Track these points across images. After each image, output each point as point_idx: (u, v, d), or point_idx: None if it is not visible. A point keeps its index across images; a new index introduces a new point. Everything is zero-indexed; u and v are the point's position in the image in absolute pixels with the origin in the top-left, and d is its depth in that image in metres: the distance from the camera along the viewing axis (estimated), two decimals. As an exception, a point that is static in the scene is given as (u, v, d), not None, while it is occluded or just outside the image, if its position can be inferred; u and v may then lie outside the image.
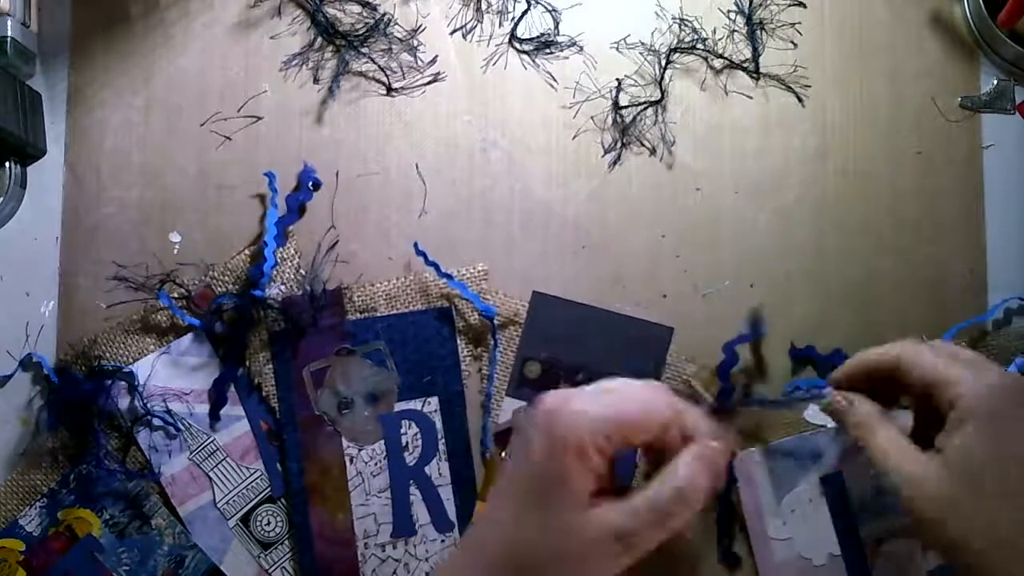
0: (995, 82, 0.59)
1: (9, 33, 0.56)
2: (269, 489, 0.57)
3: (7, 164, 0.57)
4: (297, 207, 0.57)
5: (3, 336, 0.57)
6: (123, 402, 0.57)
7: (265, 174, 0.57)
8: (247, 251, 0.58)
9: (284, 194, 0.58)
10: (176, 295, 0.57)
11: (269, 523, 0.57)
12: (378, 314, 0.57)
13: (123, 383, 0.56)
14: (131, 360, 0.57)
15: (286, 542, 0.57)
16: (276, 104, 0.59)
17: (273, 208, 0.57)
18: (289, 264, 0.57)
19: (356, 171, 0.58)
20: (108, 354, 0.57)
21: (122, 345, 0.57)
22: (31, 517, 0.57)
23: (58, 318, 0.58)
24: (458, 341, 0.57)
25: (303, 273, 0.57)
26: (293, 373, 0.57)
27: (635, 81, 0.59)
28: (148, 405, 0.56)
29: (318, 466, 0.56)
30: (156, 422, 0.56)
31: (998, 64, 0.59)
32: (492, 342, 0.57)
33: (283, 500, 0.57)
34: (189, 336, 0.57)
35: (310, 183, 0.57)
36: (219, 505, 0.57)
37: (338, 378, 0.57)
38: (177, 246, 0.58)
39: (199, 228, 0.58)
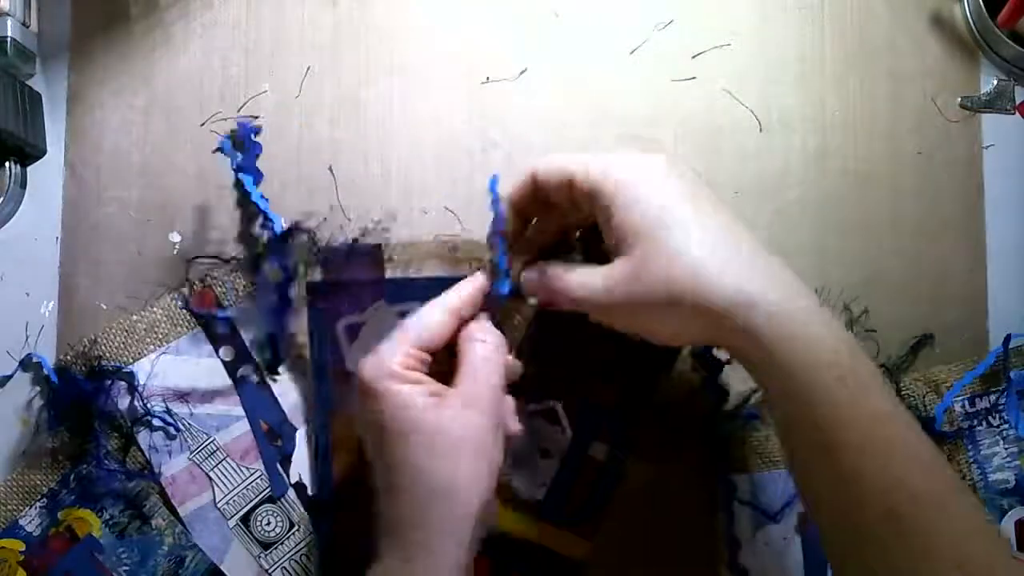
0: (995, 82, 0.59)
1: (9, 33, 0.56)
2: (269, 489, 0.57)
3: (7, 164, 0.57)
4: (254, 168, 0.57)
5: (3, 336, 0.57)
6: (123, 402, 0.57)
7: (219, 147, 0.58)
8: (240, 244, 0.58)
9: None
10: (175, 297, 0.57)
11: (269, 523, 0.57)
12: (416, 275, 0.57)
13: (123, 383, 0.56)
14: (131, 360, 0.57)
15: (286, 542, 0.57)
16: (276, 104, 0.59)
17: (252, 175, 0.57)
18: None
19: (356, 171, 0.58)
20: (108, 354, 0.57)
21: (122, 345, 0.57)
22: (31, 517, 0.57)
23: (58, 318, 0.58)
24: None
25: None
26: (326, 326, 0.56)
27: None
28: (148, 405, 0.56)
29: (344, 419, 0.56)
30: (156, 422, 0.56)
31: (998, 64, 0.59)
32: None
33: (283, 500, 0.57)
34: (189, 336, 0.57)
35: (252, 135, 0.57)
36: (219, 505, 0.57)
37: (372, 334, 0.56)
38: (177, 246, 0.58)
39: (199, 228, 0.58)
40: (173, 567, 0.56)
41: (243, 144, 0.57)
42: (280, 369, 0.57)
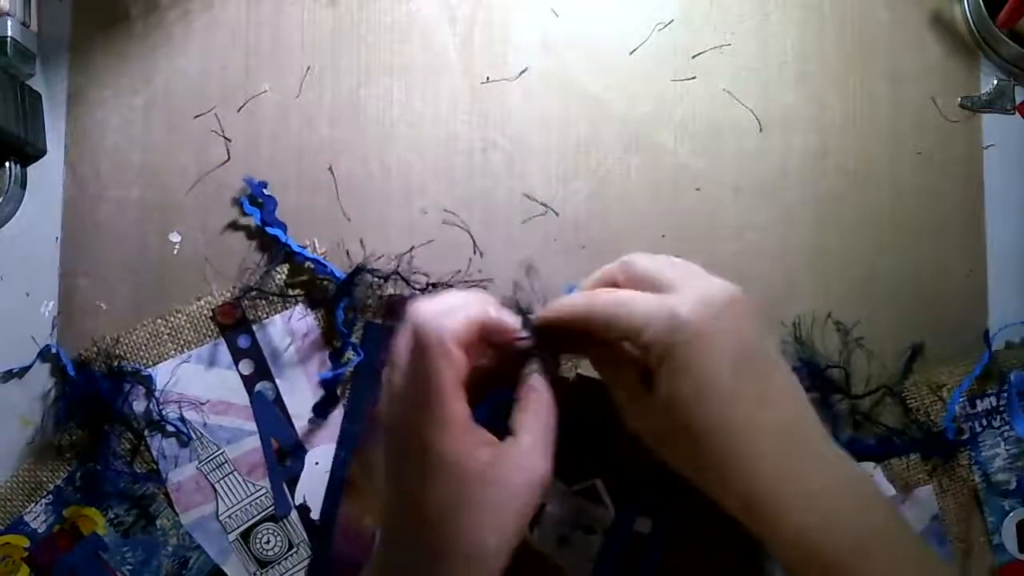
0: (995, 82, 0.59)
1: (9, 33, 0.56)
2: (272, 508, 0.57)
3: (7, 164, 0.57)
4: (276, 220, 0.57)
5: (3, 336, 0.57)
6: (138, 405, 0.57)
7: (247, 182, 0.57)
8: (279, 267, 0.58)
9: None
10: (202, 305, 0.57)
11: (269, 541, 0.57)
12: None
13: (141, 386, 0.57)
14: (151, 363, 0.57)
15: (284, 562, 0.57)
16: (276, 104, 0.58)
17: (279, 229, 0.57)
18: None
19: (356, 171, 0.58)
20: (129, 355, 0.57)
21: (144, 347, 0.57)
22: (36, 514, 0.57)
23: (58, 318, 0.58)
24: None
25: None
26: (372, 369, 0.57)
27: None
28: (163, 411, 0.57)
29: (362, 461, 0.56)
30: (169, 428, 0.57)
31: (998, 64, 0.59)
32: None
33: (286, 521, 0.57)
34: (211, 345, 0.57)
35: (263, 189, 0.57)
36: (221, 518, 0.57)
37: None
38: (177, 246, 0.58)
39: (199, 228, 0.58)
40: (177, 568, 0.56)
41: (258, 200, 0.58)
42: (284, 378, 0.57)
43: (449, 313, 0.41)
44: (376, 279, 0.57)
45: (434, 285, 0.57)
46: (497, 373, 0.45)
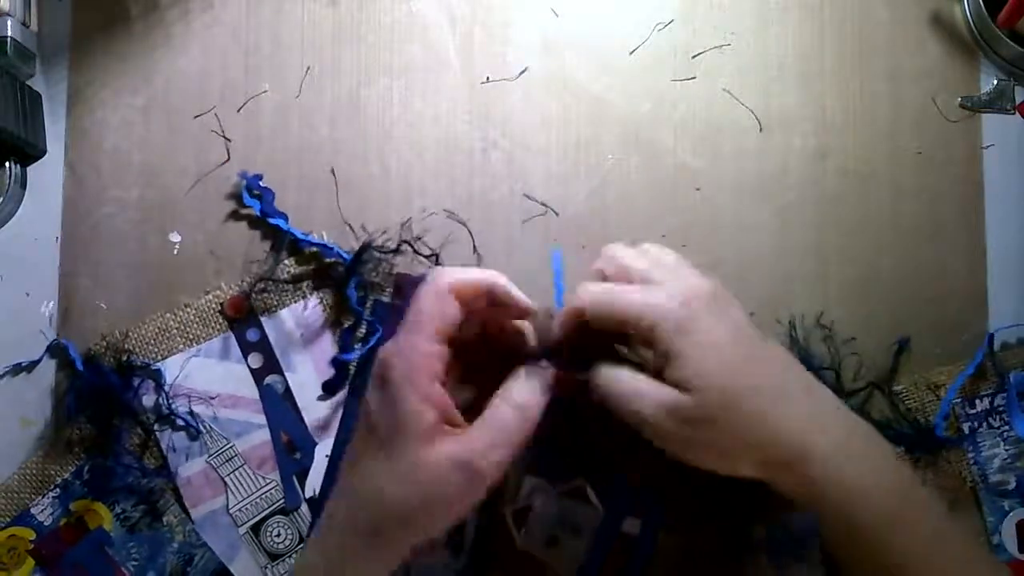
0: (995, 82, 0.59)
1: (9, 33, 0.56)
2: (283, 501, 0.57)
3: (7, 164, 0.57)
4: (276, 211, 0.57)
5: (3, 336, 0.57)
6: (148, 399, 0.57)
7: (242, 176, 0.57)
8: (286, 259, 0.58)
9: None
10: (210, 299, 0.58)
11: (279, 534, 0.57)
12: None
13: (150, 381, 0.57)
14: (160, 357, 0.57)
15: (294, 555, 0.57)
16: (276, 104, 0.58)
17: (280, 219, 0.57)
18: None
19: (356, 171, 0.58)
20: (139, 349, 0.57)
21: (153, 342, 0.57)
22: (43, 507, 0.57)
23: (58, 318, 0.58)
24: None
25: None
26: (378, 347, 0.56)
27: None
28: (173, 405, 0.57)
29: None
30: (179, 422, 0.57)
31: (998, 64, 0.59)
32: None
33: (296, 513, 0.57)
34: (220, 339, 0.57)
35: (259, 182, 0.58)
36: (231, 511, 0.57)
37: None
38: (177, 246, 0.58)
39: (199, 228, 0.58)
40: (182, 565, 0.57)
41: (257, 192, 0.58)
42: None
43: (459, 272, 0.43)
44: (383, 255, 0.57)
45: (439, 257, 0.57)
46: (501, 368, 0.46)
